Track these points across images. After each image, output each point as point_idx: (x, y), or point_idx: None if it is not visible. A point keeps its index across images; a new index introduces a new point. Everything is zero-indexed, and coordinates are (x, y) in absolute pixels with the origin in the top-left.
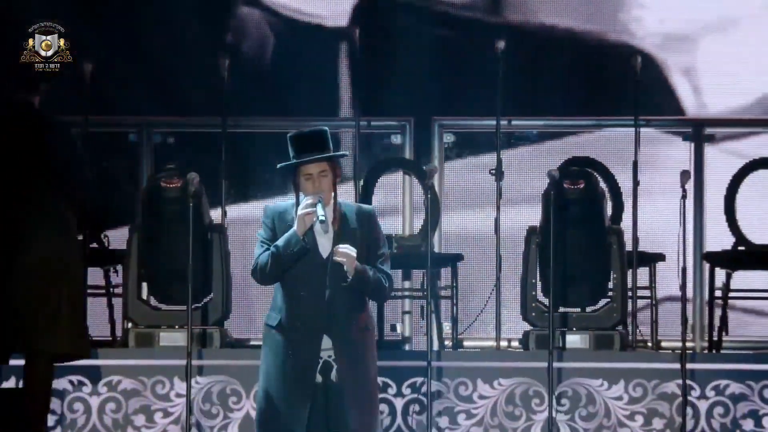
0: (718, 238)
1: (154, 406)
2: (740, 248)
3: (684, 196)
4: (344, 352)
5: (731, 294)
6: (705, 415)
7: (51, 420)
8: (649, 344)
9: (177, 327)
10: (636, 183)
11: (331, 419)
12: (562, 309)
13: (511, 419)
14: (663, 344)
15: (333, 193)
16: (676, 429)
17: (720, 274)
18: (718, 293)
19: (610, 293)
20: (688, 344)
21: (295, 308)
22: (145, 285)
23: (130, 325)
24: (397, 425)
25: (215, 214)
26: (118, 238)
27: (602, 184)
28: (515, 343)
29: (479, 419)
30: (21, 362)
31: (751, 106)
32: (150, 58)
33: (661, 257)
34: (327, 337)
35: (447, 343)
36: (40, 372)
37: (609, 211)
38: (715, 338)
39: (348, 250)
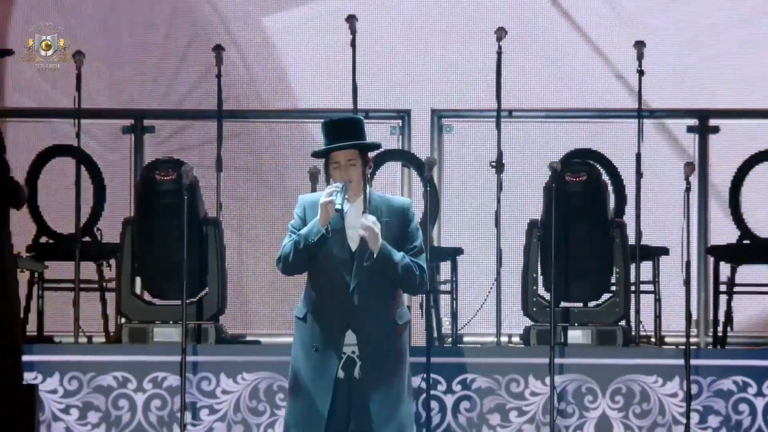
0: (723, 232)
1: (200, 404)
2: (745, 242)
3: (688, 189)
4: (368, 348)
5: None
6: (762, 412)
7: (95, 416)
8: (653, 340)
9: (171, 322)
10: (639, 175)
11: (353, 416)
12: (563, 304)
13: (563, 416)
14: (666, 339)
15: (363, 183)
16: (732, 427)
17: (725, 269)
18: (722, 287)
19: (613, 288)
20: (692, 339)
21: (320, 301)
22: (138, 279)
23: (123, 320)
24: (447, 423)
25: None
26: (112, 233)
27: (605, 177)
28: (516, 339)
29: (530, 416)
30: None
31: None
32: (142, 51)
33: (664, 251)
34: (352, 333)
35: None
36: (8, 367)
37: (612, 204)
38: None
39: (372, 223)
